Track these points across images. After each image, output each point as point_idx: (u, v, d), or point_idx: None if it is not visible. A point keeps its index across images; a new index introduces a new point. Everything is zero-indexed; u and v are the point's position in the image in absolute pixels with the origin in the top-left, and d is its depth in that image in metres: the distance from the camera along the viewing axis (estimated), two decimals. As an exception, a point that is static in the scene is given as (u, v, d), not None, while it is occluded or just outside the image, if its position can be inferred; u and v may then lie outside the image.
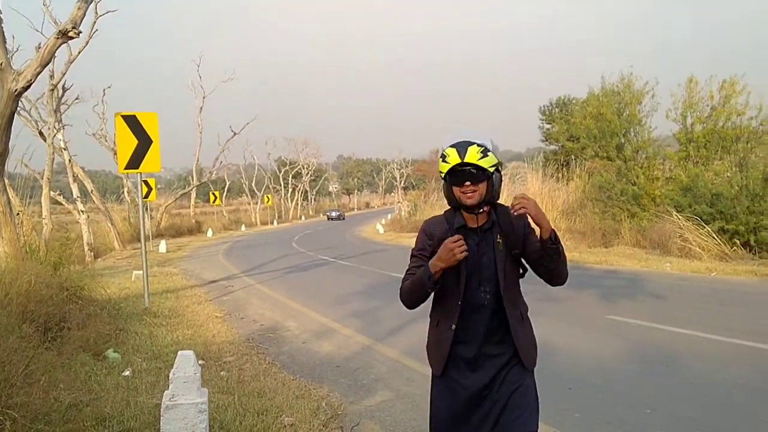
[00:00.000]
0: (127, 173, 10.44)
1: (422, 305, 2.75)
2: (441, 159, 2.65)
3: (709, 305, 9.46)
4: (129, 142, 9.94)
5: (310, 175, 73.41)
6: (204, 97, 39.42)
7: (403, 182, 77.86)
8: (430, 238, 2.76)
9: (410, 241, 25.94)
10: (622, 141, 21.81)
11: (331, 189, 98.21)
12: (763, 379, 5.61)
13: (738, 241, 15.00)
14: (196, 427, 4.15)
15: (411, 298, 2.72)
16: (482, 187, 2.60)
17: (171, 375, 4.20)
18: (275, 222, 54.46)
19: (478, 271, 2.68)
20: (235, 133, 41.22)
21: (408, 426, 4.83)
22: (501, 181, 2.69)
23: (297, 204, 70.49)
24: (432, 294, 2.69)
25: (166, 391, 4.22)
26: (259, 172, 64.15)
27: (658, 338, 7.33)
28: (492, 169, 2.60)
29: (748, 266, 13.36)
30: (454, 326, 2.69)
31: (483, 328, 2.68)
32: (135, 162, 9.99)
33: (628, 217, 19.17)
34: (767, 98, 18.67)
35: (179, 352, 4.26)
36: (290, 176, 68.12)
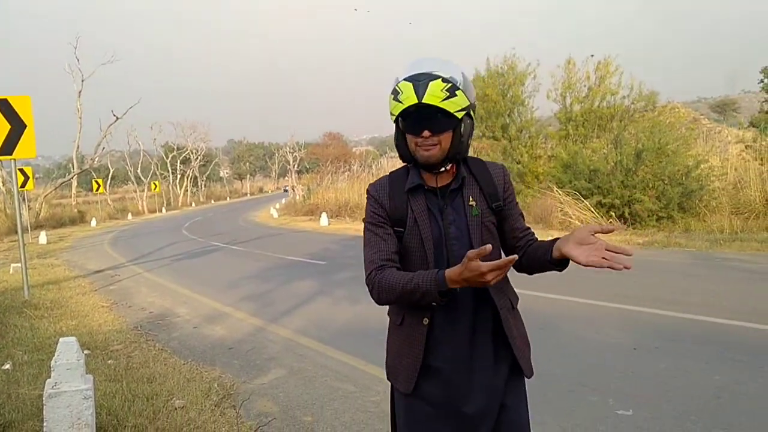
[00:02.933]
0: (0, 160, 9.82)
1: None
2: (392, 96, 1.97)
3: (584, 273, 9.98)
4: (1, 127, 9.41)
5: (200, 161, 71.49)
6: (83, 81, 37.42)
7: (296, 166, 77.19)
8: (379, 205, 2.10)
9: (305, 224, 26.11)
10: (507, 121, 22.66)
11: (222, 174, 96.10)
12: (630, 336, 6.08)
13: (614, 214, 15.96)
14: (82, 414, 4.05)
15: (395, 298, 1.98)
16: (446, 139, 1.97)
17: (53, 363, 4.08)
18: (164, 209, 52.75)
19: (445, 246, 2.04)
20: (117, 118, 39.47)
21: (300, 400, 4.91)
22: (472, 129, 2.07)
23: (186, 190, 68.51)
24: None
25: (48, 380, 4.10)
26: (145, 159, 61.74)
27: (536, 305, 7.73)
28: (461, 114, 1.95)
29: (622, 236, 14.26)
30: (426, 320, 2.03)
31: (465, 325, 2.04)
32: (8, 148, 9.47)
33: (514, 194, 19.97)
34: (638, 78, 19.92)
35: (60, 339, 4.14)
36: (178, 162, 66.08)
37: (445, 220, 2.04)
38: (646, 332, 6.21)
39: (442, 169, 2.03)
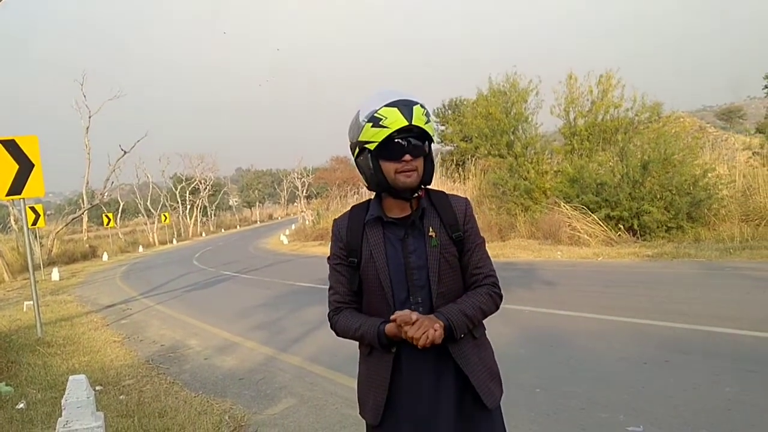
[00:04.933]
0: (10, 200, 9.99)
1: None
2: (369, 124, 1.99)
3: (594, 287, 10.03)
4: (9, 168, 9.55)
5: (209, 190, 71.87)
6: (90, 117, 37.89)
7: (305, 191, 77.41)
8: (339, 240, 2.17)
9: (315, 249, 26.14)
10: (512, 138, 22.67)
11: (231, 203, 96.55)
12: (640, 350, 6.05)
13: (623, 227, 15.90)
14: (93, 452, 4.09)
15: (346, 336, 2.15)
16: (421, 164, 2.05)
17: (63, 401, 4.13)
18: (174, 240, 52.95)
19: (406, 276, 2.07)
20: (125, 152, 39.93)
21: (311, 429, 4.92)
22: (434, 157, 2.16)
23: (196, 221, 68.83)
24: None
25: (59, 419, 4.14)
26: (155, 191, 62.21)
27: (548, 322, 7.74)
28: (434, 140, 2.08)
29: (631, 249, 14.22)
30: (394, 350, 2.05)
31: (425, 353, 2.02)
32: (17, 188, 9.59)
33: (522, 210, 19.92)
34: (640, 90, 19.99)
35: (70, 377, 4.19)
36: (187, 192, 66.47)
37: (406, 249, 2.08)
38: (657, 346, 6.18)
39: (415, 195, 2.08)
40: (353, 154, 2.12)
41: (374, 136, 1.98)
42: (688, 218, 15.25)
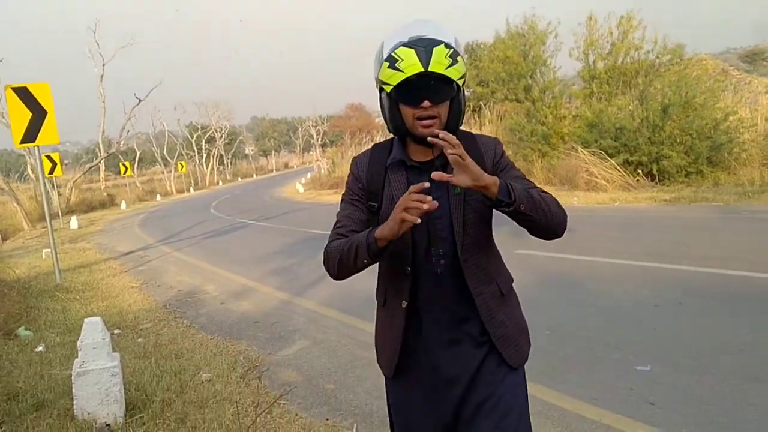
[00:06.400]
0: (24, 147, 10.09)
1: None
2: (386, 64, 1.79)
3: (609, 232, 10.00)
4: (22, 115, 9.57)
5: (224, 139, 71.86)
6: (104, 65, 37.66)
7: (320, 140, 77.14)
8: (357, 180, 2.01)
9: (330, 197, 26.21)
10: (530, 83, 22.33)
11: (247, 152, 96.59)
12: (653, 294, 6.04)
13: (641, 171, 15.73)
14: (110, 390, 4.18)
15: (339, 266, 1.89)
16: (444, 110, 1.82)
17: (79, 343, 4.21)
18: (191, 189, 53.28)
19: (427, 226, 1.89)
20: (140, 100, 39.74)
21: (323, 368, 5.01)
22: (465, 99, 1.91)
23: (213, 169, 69.05)
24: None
25: (75, 359, 4.23)
26: (171, 140, 62.33)
27: (562, 267, 7.73)
28: (461, 82, 1.82)
29: (649, 194, 14.10)
30: (405, 303, 1.94)
31: (446, 308, 1.93)
32: (30, 135, 9.62)
33: (539, 156, 19.73)
34: (661, 32, 19.51)
35: (86, 320, 4.27)
36: (203, 141, 66.54)
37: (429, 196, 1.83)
38: (670, 289, 6.16)
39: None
40: (377, 88, 1.91)
41: (390, 78, 1.78)
42: (708, 163, 15.03)
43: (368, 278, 2.16)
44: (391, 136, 2.01)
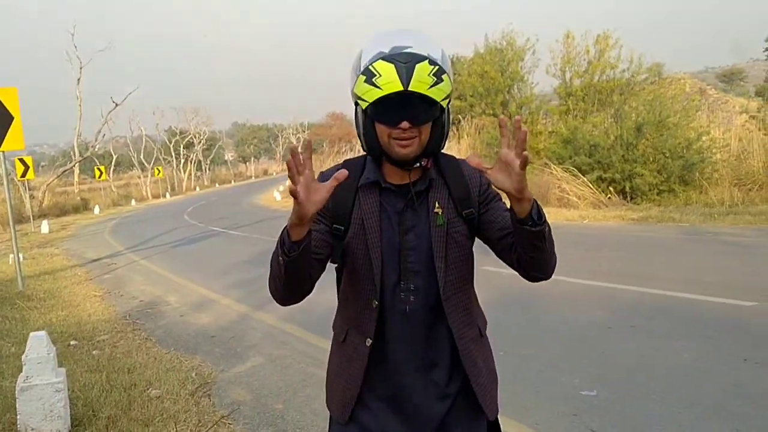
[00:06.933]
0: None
1: None
2: (363, 78, 1.59)
3: (574, 251, 10.07)
4: (-13, 120, 9.48)
5: (203, 145, 71.44)
6: (81, 68, 37.35)
7: (301, 147, 76.97)
8: None
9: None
10: (507, 98, 22.58)
11: (227, 157, 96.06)
12: (608, 315, 6.11)
13: (614, 189, 15.92)
14: (54, 406, 4.14)
15: (273, 281, 1.66)
16: (425, 130, 1.63)
17: (24, 357, 4.17)
18: (168, 195, 52.84)
19: (399, 257, 1.70)
20: (116, 104, 39.49)
21: (274, 387, 4.98)
22: (450, 120, 1.72)
23: (191, 175, 68.60)
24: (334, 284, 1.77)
25: (20, 374, 4.19)
26: (149, 144, 61.80)
27: (524, 285, 7.66)
28: (445, 103, 1.62)
29: (617, 212, 14.26)
30: (370, 341, 1.72)
31: (416, 348, 1.73)
32: (-5, 140, 9.52)
33: (513, 171, 19.83)
34: (639, 50, 19.82)
35: (31, 334, 4.22)
36: (181, 146, 66.07)
37: (403, 225, 1.70)
38: (625, 310, 6.24)
39: (416, 165, 1.67)
40: (353, 101, 1.70)
41: (366, 93, 1.58)
42: (680, 181, 15.30)
43: (333, 293, 1.97)
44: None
